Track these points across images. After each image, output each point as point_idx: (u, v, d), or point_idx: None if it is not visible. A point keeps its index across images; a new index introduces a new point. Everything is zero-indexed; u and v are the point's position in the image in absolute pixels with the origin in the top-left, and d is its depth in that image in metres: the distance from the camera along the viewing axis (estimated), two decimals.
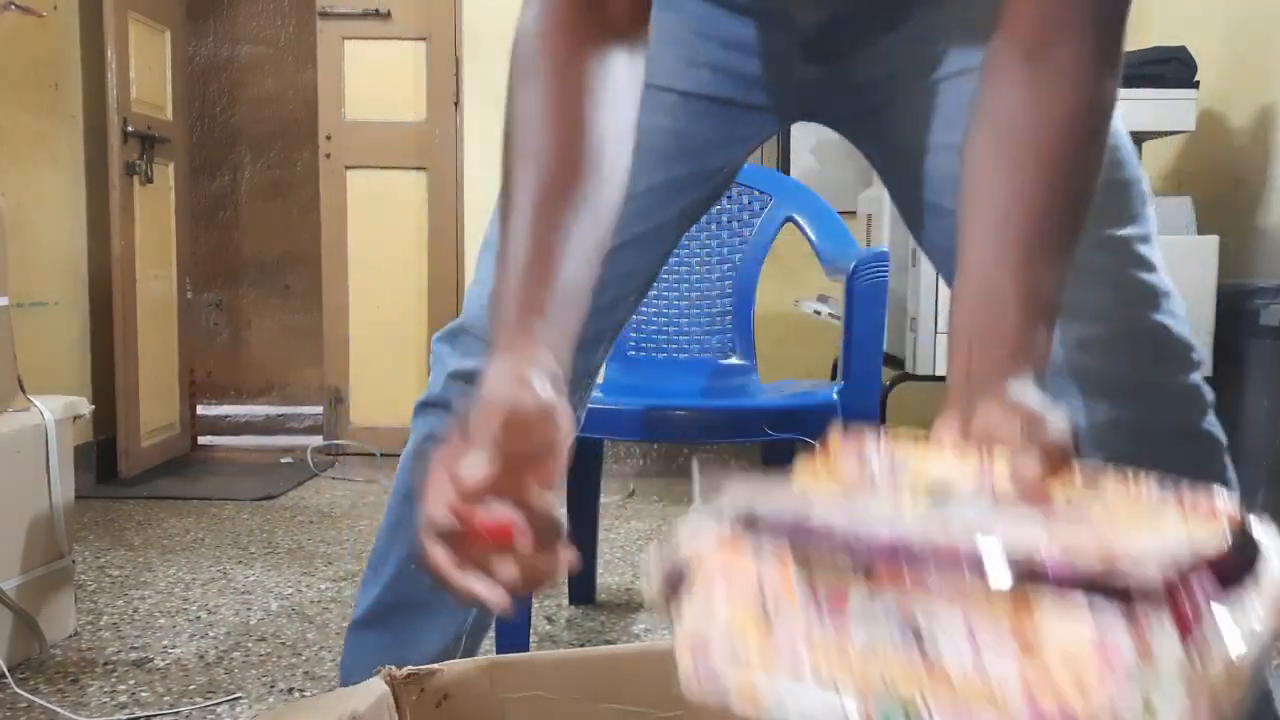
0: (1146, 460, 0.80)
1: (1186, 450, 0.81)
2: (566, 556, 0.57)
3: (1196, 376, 0.82)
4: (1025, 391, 0.55)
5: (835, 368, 2.14)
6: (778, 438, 1.49)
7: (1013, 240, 0.61)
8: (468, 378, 0.88)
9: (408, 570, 0.91)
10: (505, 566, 0.54)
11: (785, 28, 0.87)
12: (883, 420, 2.09)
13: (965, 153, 0.66)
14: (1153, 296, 0.80)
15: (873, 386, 1.54)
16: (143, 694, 1.43)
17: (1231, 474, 0.83)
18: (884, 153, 0.91)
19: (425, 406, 0.92)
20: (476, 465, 0.53)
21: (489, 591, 0.54)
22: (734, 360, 1.83)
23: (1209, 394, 0.83)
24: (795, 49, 0.87)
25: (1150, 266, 0.81)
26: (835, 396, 1.45)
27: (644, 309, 1.84)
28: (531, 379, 0.57)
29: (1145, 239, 0.81)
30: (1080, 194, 0.64)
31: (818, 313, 2.28)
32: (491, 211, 0.81)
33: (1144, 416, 0.80)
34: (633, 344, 1.85)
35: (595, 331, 0.84)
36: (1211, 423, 0.83)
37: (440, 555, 0.55)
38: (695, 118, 0.89)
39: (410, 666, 0.72)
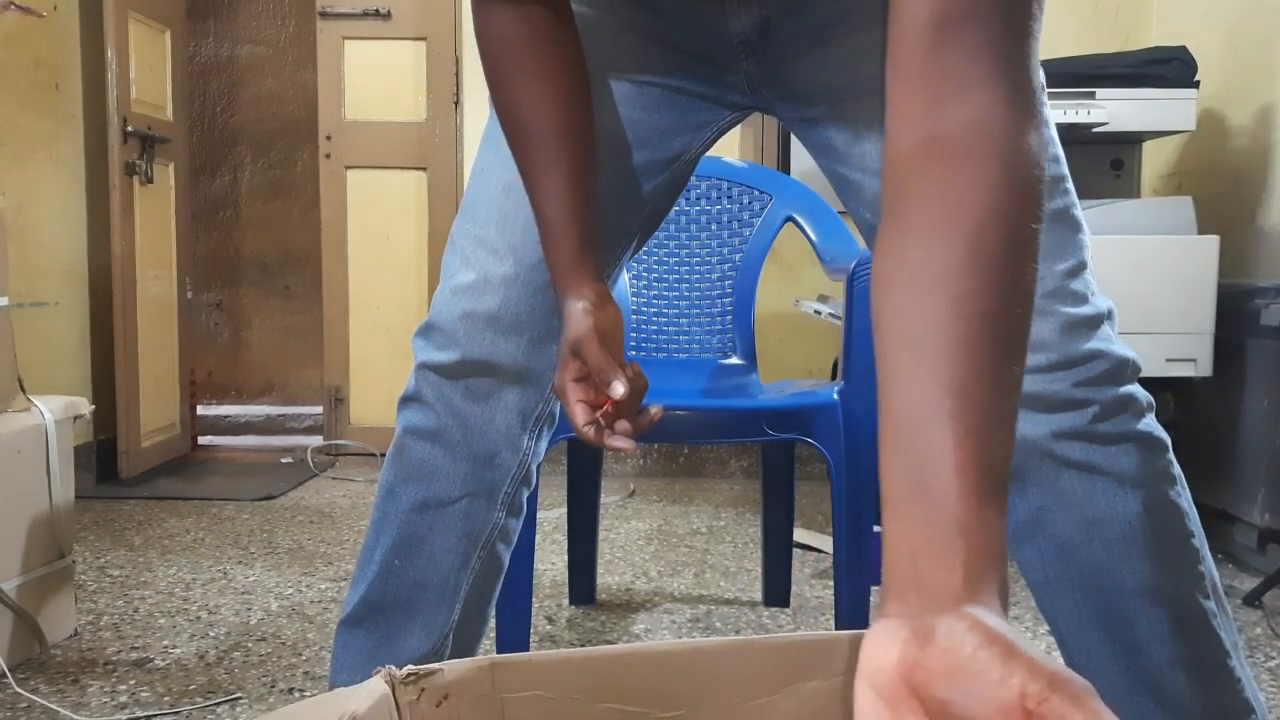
0: (1090, 463, 0.82)
1: (1128, 448, 0.82)
2: (654, 410, 0.88)
3: (1132, 386, 0.83)
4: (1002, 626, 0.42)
5: (836, 367, 2.13)
6: (779, 437, 1.49)
7: (948, 384, 0.48)
8: (438, 369, 0.90)
9: (393, 567, 0.92)
10: (623, 423, 0.85)
11: (720, 28, 0.87)
12: None
13: (876, 279, 0.54)
14: (1087, 326, 0.80)
15: (873, 386, 1.54)
16: (143, 694, 1.43)
17: (1176, 469, 0.84)
18: (828, 163, 0.90)
19: (404, 401, 0.93)
20: (611, 383, 0.84)
21: (625, 442, 0.85)
22: (734, 360, 1.83)
23: (1145, 397, 0.84)
24: (735, 48, 0.88)
25: (1083, 299, 0.81)
26: (836, 396, 1.45)
27: (644, 309, 1.84)
28: (594, 302, 0.85)
29: (1078, 270, 0.81)
30: (1023, 292, 0.51)
31: (818, 312, 2.27)
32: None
33: (1083, 424, 0.81)
34: (633, 344, 1.84)
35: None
36: (1150, 424, 0.84)
37: (589, 434, 0.85)
38: (648, 106, 0.90)
39: (410, 666, 0.72)
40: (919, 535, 0.46)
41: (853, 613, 1.49)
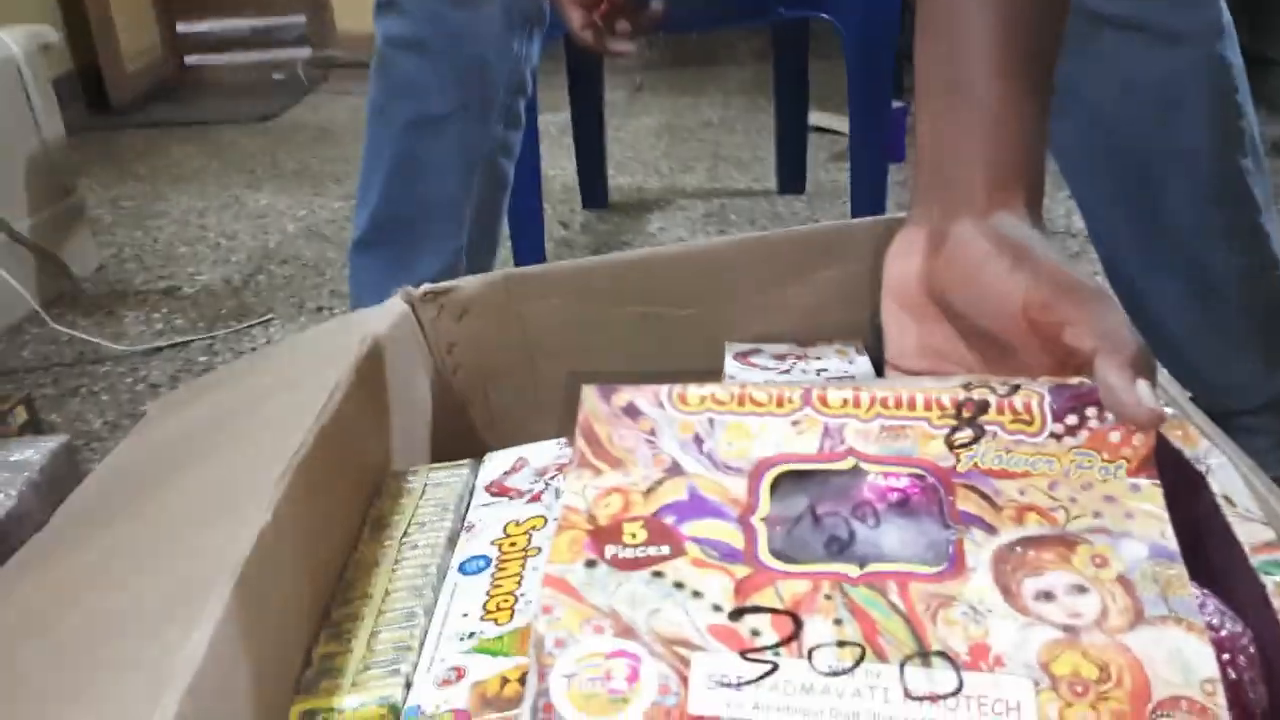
0: (1132, 18, 0.75)
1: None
2: (656, 6, 0.84)
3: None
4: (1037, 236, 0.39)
5: None
6: (793, 14, 1.39)
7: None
8: None
9: (395, 189, 0.89)
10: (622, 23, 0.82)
11: None
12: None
13: None
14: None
15: None
16: (177, 321, 1.47)
17: (1227, 19, 0.78)
18: None
19: (380, 8, 0.86)
20: None
21: (626, 45, 0.82)
22: None
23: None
24: None
25: None
26: None
27: None
28: None
29: None
30: None
31: None
32: None
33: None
34: None
35: None
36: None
37: (586, 38, 0.81)
38: None
39: (427, 285, 0.71)
40: (947, 131, 0.42)
41: (869, 194, 1.47)
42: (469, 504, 0.57)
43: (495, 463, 0.61)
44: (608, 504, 0.37)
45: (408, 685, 0.43)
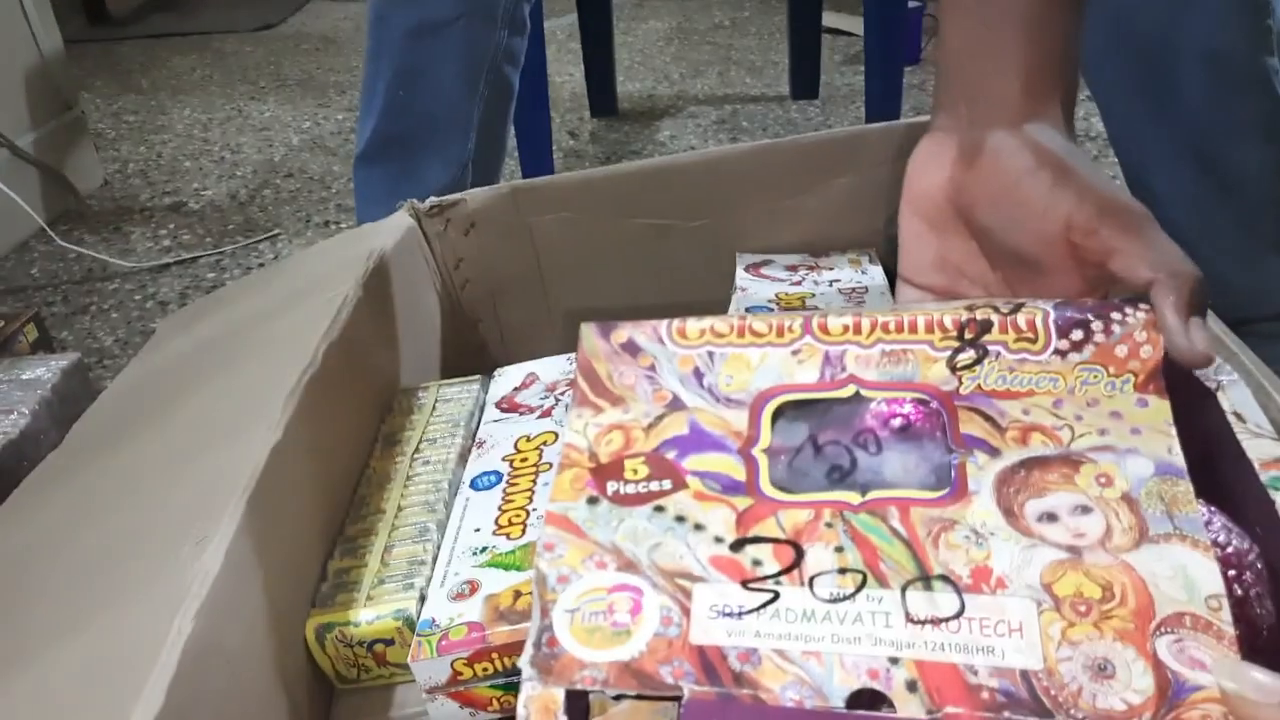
0: None
1: None
2: None
3: None
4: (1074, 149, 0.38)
5: None
6: None
7: None
8: None
9: (398, 99, 0.87)
10: None
11: None
12: None
13: None
14: None
15: None
16: (184, 236, 1.46)
17: None
18: None
19: None
20: None
21: None
22: None
23: None
24: None
25: None
26: None
27: None
28: None
29: None
30: None
31: None
32: None
33: None
34: None
35: None
36: None
37: None
38: None
39: (433, 198, 0.70)
40: (975, 33, 0.40)
41: (884, 99, 1.44)
42: (479, 420, 0.57)
43: (505, 378, 0.60)
44: (609, 441, 0.37)
45: (422, 599, 0.44)
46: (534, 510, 0.47)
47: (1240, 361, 0.43)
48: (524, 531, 0.46)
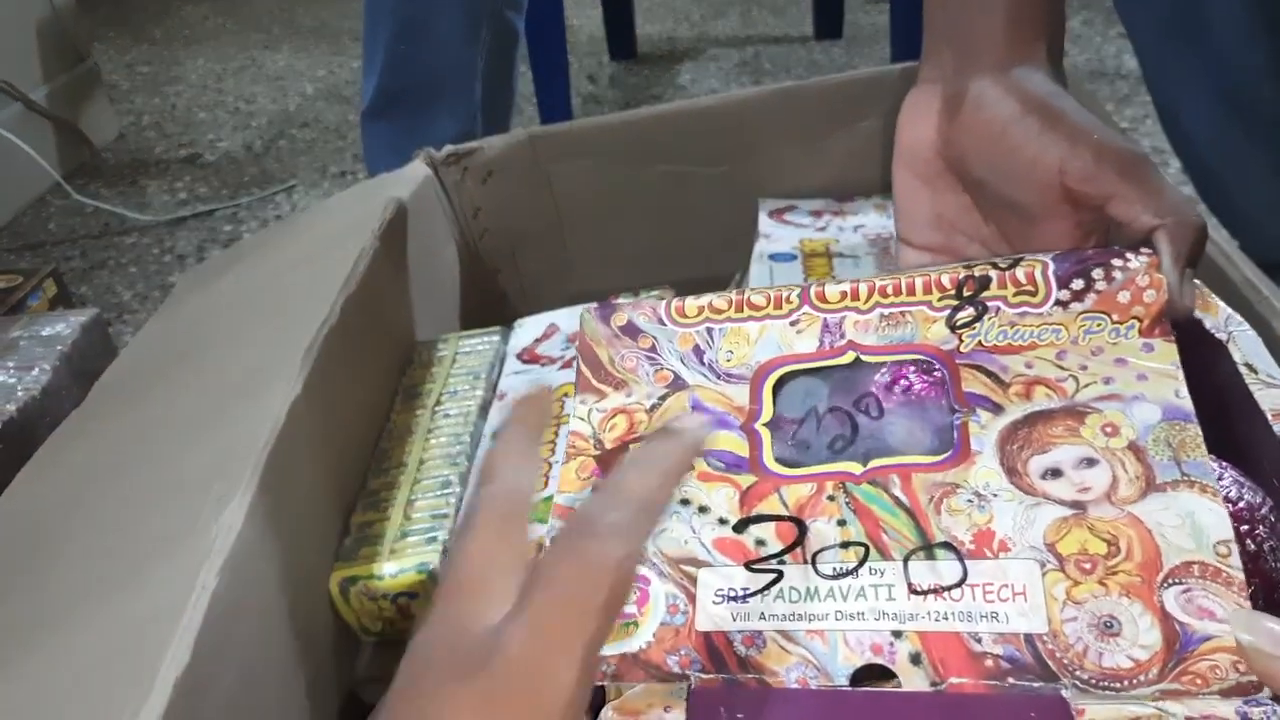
0: None
1: None
2: None
3: None
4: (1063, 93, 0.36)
5: None
6: None
7: None
8: None
9: (399, 53, 0.86)
10: None
11: None
12: None
13: None
14: None
15: None
16: (200, 189, 1.45)
17: None
18: None
19: None
20: None
21: None
22: None
23: None
24: None
25: None
26: None
27: None
28: None
29: None
30: None
31: None
32: None
33: None
34: None
35: None
36: None
37: None
38: None
39: (450, 147, 0.69)
40: None
41: (910, 38, 1.41)
42: (500, 371, 0.56)
43: (526, 329, 0.60)
44: (613, 426, 0.37)
45: (444, 552, 0.44)
46: (556, 463, 0.47)
47: (1271, 304, 0.42)
48: (546, 484, 0.45)
